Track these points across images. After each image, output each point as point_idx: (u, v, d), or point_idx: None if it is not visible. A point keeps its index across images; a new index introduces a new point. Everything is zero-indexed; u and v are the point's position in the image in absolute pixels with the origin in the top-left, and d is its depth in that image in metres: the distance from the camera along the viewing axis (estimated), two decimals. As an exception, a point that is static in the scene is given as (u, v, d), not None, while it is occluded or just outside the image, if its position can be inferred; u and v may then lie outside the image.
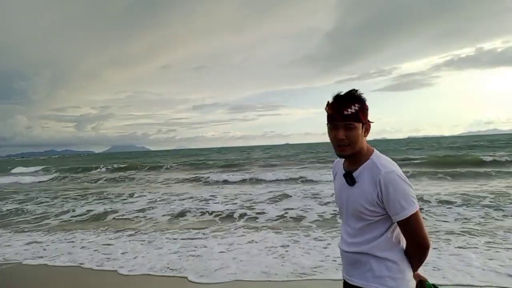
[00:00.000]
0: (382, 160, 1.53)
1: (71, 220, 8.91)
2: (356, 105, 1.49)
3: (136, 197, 12.19)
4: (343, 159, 1.66)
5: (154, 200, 11.25)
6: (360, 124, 1.51)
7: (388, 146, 48.79)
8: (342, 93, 1.51)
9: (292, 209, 8.56)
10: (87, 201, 11.93)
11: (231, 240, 6.08)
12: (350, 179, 1.56)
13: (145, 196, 12.29)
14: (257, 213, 8.30)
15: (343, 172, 1.63)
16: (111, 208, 9.97)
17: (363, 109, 1.52)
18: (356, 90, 1.51)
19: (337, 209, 1.80)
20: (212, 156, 48.00)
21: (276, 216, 7.91)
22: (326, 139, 1.62)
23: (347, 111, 1.48)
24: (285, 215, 7.99)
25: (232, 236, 6.33)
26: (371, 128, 1.57)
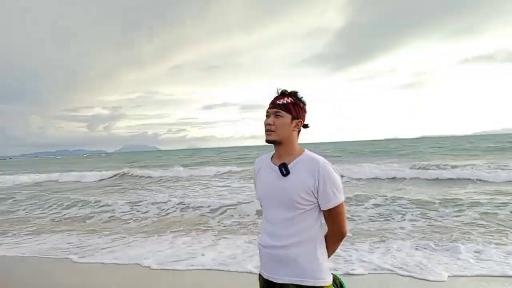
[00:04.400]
0: (316, 155, 1.67)
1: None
2: (290, 98, 1.66)
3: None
4: (269, 157, 1.77)
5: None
6: (289, 116, 1.65)
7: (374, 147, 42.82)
8: (281, 89, 1.69)
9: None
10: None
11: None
12: (284, 170, 1.63)
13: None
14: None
15: (272, 165, 1.70)
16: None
17: (296, 104, 1.66)
18: (297, 92, 1.69)
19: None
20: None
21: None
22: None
23: (279, 101, 1.66)
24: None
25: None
26: (303, 129, 1.71)
